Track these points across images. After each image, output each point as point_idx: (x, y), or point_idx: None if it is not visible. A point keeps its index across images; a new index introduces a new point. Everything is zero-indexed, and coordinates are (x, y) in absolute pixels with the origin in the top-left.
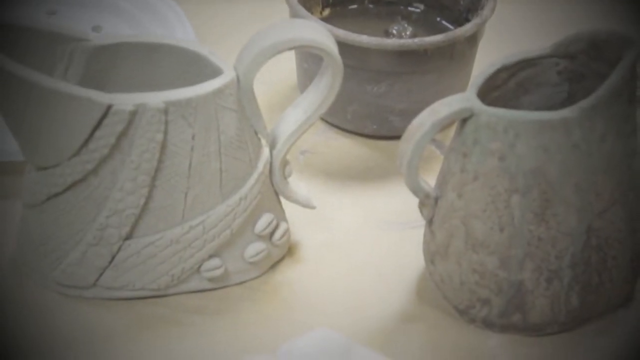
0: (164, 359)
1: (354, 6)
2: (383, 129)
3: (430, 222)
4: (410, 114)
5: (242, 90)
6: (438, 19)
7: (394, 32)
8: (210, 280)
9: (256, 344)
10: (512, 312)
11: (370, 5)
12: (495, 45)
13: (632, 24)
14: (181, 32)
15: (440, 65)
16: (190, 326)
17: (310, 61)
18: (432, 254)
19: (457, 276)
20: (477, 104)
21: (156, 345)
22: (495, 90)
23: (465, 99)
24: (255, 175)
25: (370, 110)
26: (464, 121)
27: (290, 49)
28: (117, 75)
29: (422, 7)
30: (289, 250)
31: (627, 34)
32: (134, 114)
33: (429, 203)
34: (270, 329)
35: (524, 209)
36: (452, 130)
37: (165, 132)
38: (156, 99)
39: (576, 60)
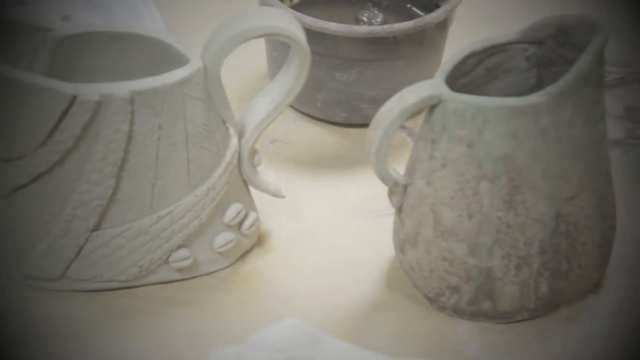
0: (133, 350)
1: None
2: (353, 117)
3: (399, 210)
4: (380, 102)
5: (209, 79)
6: (408, 5)
7: (364, 19)
8: (179, 270)
9: (226, 334)
10: (481, 299)
11: None
12: (466, 31)
13: (599, 9)
14: (150, 21)
15: (410, 52)
16: (159, 317)
17: (279, 49)
18: (402, 242)
19: (426, 264)
20: (445, 91)
21: (126, 336)
22: (464, 76)
23: (433, 86)
24: (223, 165)
25: (340, 98)
26: (432, 108)
27: (257, 37)
28: (83, 66)
29: None
30: (259, 240)
31: (594, 20)
32: (99, 104)
33: (398, 191)
34: (240, 319)
35: (492, 195)
36: (423, 117)
37: (132, 122)
38: (122, 88)
39: (544, 46)
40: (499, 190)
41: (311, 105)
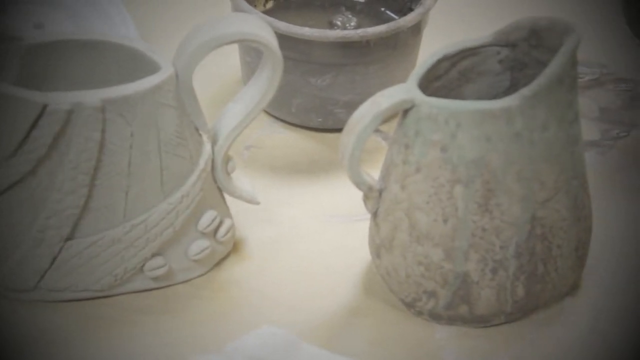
0: None
1: None
2: (328, 122)
3: (374, 215)
4: (355, 106)
5: (181, 86)
6: (382, 8)
7: (338, 23)
8: (155, 279)
9: (203, 342)
10: (458, 303)
11: None
12: (440, 34)
13: (573, 11)
14: (123, 28)
15: (384, 55)
16: (135, 326)
17: (252, 54)
18: (377, 247)
19: (402, 269)
20: (418, 95)
21: (101, 346)
22: (438, 80)
23: (406, 90)
24: (196, 172)
25: (314, 103)
26: (405, 112)
27: (228, 43)
28: (54, 74)
29: None
30: (235, 247)
31: (567, 22)
32: (70, 113)
33: (372, 196)
34: (217, 328)
35: (467, 199)
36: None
37: (103, 131)
38: (93, 97)
39: (517, 49)
40: (474, 194)
41: (286, 110)
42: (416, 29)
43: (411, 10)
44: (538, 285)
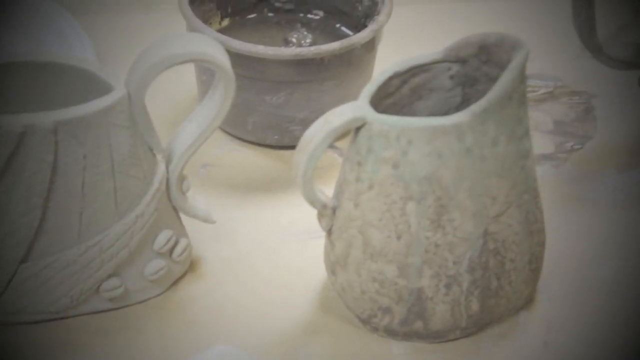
0: None
1: (253, 15)
2: (285, 139)
3: (329, 233)
4: (310, 123)
5: (133, 106)
6: (338, 25)
7: (294, 40)
8: (111, 300)
9: None
10: (413, 319)
11: (270, 14)
12: (396, 49)
13: (527, 24)
14: (81, 50)
15: (338, 72)
16: (92, 347)
17: (208, 73)
18: (333, 264)
19: (357, 286)
20: (370, 113)
21: None
22: (389, 97)
23: (357, 108)
24: (151, 192)
25: (270, 120)
26: (357, 130)
27: (179, 63)
28: (7, 96)
29: (321, 13)
30: (191, 266)
31: (515, 38)
32: (22, 135)
33: (326, 213)
34: (174, 347)
35: (419, 216)
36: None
37: (56, 153)
38: (45, 119)
39: (468, 65)
40: (426, 210)
41: (242, 128)
42: (370, 45)
43: (366, 26)
44: (492, 299)
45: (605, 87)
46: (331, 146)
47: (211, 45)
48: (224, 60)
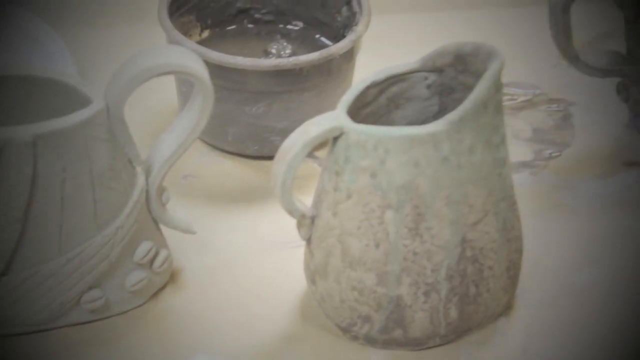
0: None
1: (233, 27)
2: (265, 149)
3: (308, 242)
4: (290, 133)
5: (112, 119)
6: (317, 35)
7: (273, 51)
8: (92, 311)
9: None
10: (392, 327)
11: (250, 25)
12: (375, 59)
13: (505, 32)
14: (61, 63)
15: (317, 82)
16: (73, 359)
17: (187, 85)
18: (312, 273)
19: (337, 294)
20: (347, 122)
21: None
22: (367, 106)
23: (334, 118)
24: (130, 204)
25: (250, 131)
26: (335, 139)
27: (157, 76)
28: None
29: (300, 24)
30: (172, 277)
31: (490, 47)
32: (1, 149)
33: (305, 223)
34: (155, 358)
35: (397, 224)
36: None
37: (35, 166)
38: (24, 132)
39: (444, 74)
40: (404, 218)
41: (222, 139)
42: (349, 55)
43: (344, 36)
44: (471, 306)
45: (582, 95)
46: (311, 156)
47: (189, 57)
48: (202, 72)
